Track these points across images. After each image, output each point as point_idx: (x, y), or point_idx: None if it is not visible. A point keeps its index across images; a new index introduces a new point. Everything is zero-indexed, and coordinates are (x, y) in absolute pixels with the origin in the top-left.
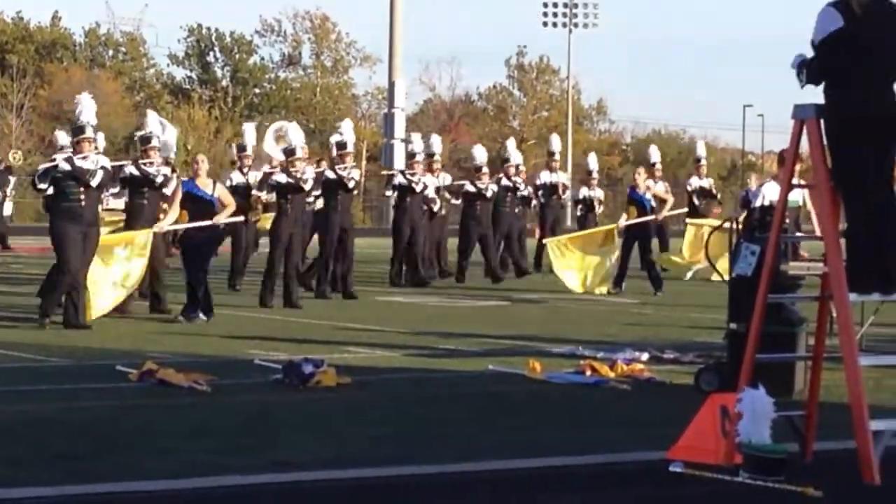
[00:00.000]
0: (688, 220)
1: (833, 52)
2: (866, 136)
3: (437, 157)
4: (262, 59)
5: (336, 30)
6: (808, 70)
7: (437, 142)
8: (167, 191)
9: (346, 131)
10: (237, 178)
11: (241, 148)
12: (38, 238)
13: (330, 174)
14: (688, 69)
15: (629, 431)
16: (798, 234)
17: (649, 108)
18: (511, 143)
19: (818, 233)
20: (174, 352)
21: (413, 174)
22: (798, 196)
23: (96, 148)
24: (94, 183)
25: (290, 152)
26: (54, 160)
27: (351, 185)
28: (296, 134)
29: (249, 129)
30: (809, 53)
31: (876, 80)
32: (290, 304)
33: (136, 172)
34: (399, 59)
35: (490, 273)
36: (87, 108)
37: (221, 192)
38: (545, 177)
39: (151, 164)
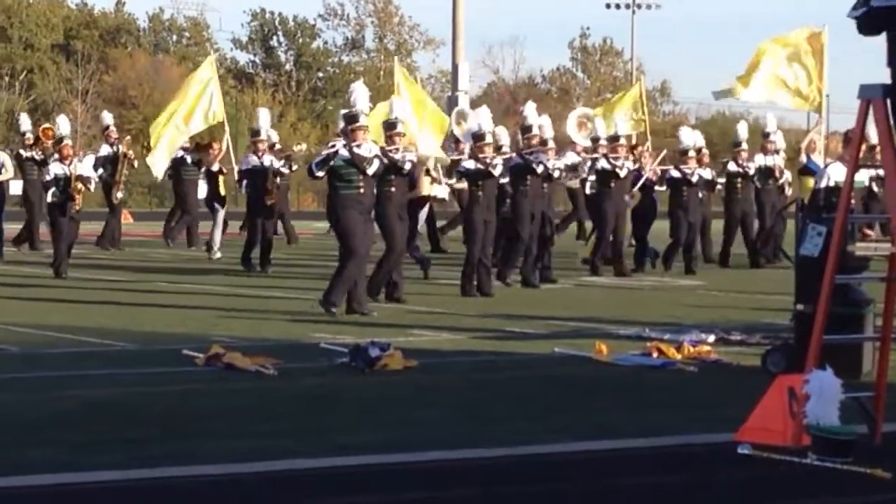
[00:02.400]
0: None
1: (892, 21)
2: None
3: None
4: (326, 43)
5: (399, 13)
6: (864, 23)
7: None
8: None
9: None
10: (253, 161)
11: (255, 132)
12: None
13: (518, 160)
14: (752, 50)
15: (696, 414)
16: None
17: (713, 90)
18: (742, 127)
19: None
20: (240, 336)
21: (616, 158)
22: (864, 177)
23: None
24: (370, 171)
25: (478, 137)
26: (334, 147)
27: (539, 169)
28: (485, 118)
29: (263, 114)
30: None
31: None
32: (484, 293)
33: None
34: (462, 41)
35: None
36: (360, 96)
37: None
38: (759, 160)
39: (397, 150)
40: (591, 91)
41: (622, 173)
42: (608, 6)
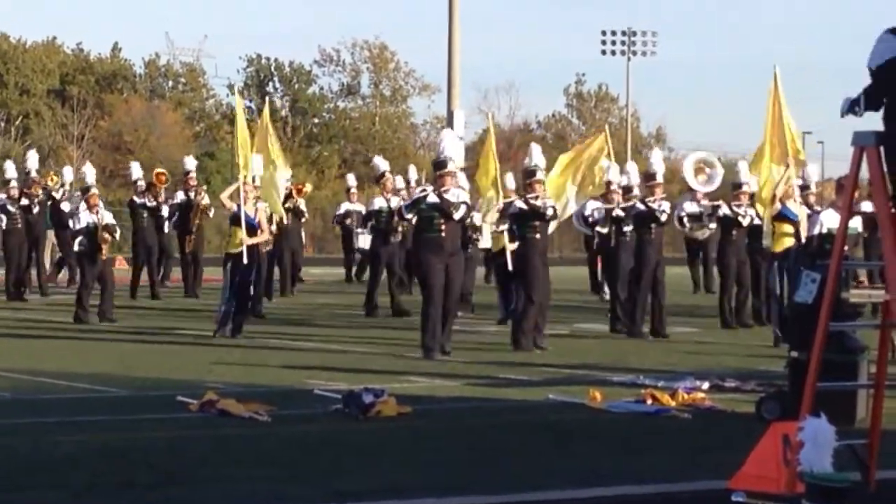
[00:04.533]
0: None
1: (891, 78)
2: None
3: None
4: (321, 88)
5: (395, 59)
6: (866, 96)
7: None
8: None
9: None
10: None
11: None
12: None
13: (521, 204)
14: (746, 95)
15: (690, 460)
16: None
17: (708, 135)
18: (743, 166)
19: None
20: (233, 382)
21: (739, 205)
22: (857, 223)
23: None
24: (457, 216)
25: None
26: (425, 191)
27: (663, 218)
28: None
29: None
30: (863, 84)
31: None
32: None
33: (524, 206)
34: (457, 87)
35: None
36: (449, 144)
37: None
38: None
39: (537, 197)
40: (587, 137)
41: (745, 222)
42: (603, 52)
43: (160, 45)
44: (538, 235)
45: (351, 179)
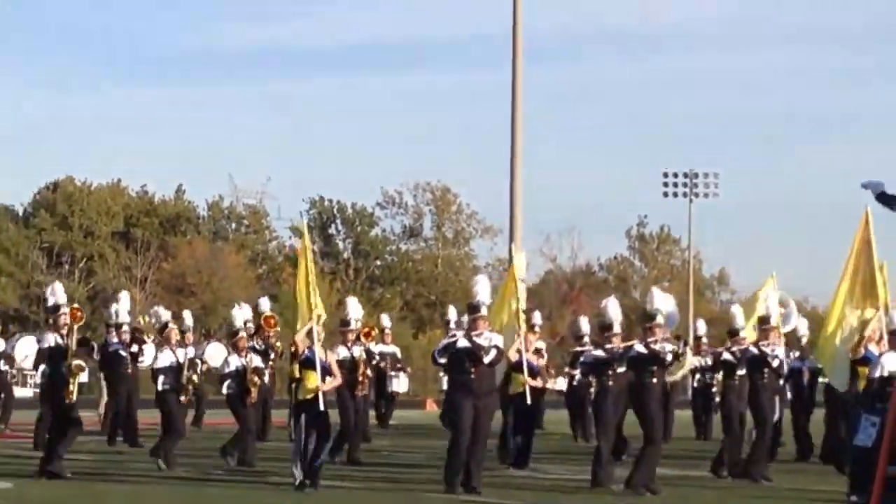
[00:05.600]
0: None
1: None
2: None
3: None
4: (384, 230)
5: (457, 201)
6: None
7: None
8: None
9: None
10: (342, 352)
11: (345, 323)
12: None
13: (641, 349)
14: (808, 236)
15: None
16: None
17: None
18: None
19: None
20: None
21: (767, 344)
22: None
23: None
24: (486, 360)
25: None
26: (455, 336)
27: (775, 363)
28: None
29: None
30: None
31: None
32: (598, 484)
33: (644, 351)
34: (519, 230)
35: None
36: (483, 289)
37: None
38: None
39: (656, 341)
40: (649, 279)
41: (774, 363)
42: (665, 194)
43: (224, 188)
44: (655, 380)
45: (385, 320)
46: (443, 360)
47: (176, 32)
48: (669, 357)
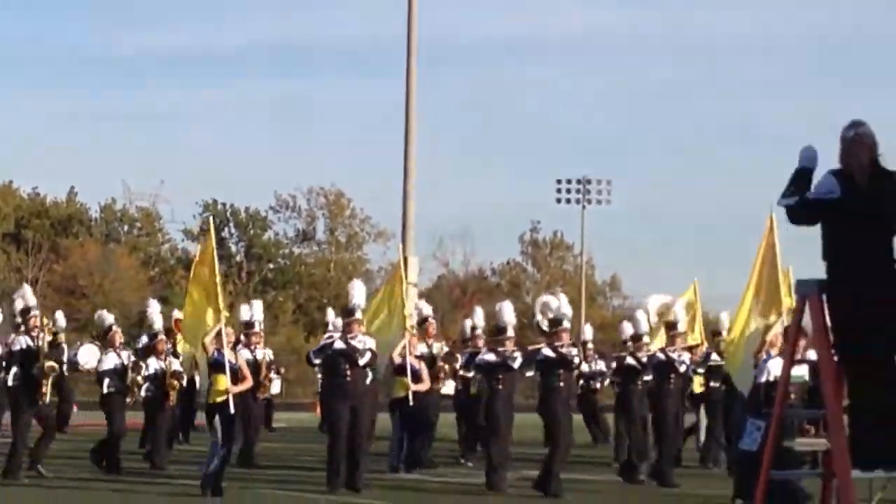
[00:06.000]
0: None
1: (826, 216)
2: (869, 311)
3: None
4: (277, 234)
5: (350, 206)
6: (796, 212)
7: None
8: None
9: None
10: (246, 354)
11: (249, 325)
12: None
13: (549, 352)
14: (698, 244)
15: None
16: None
17: (662, 283)
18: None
19: None
20: None
21: (673, 350)
22: (804, 371)
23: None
24: (361, 362)
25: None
26: (332, 338)
27: (576, 362)
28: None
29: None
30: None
31: (874, 254)
32: (492, 487)
33: (552, 354)
34: (412, 234)
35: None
36: (357, 293)
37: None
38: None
39: (563, 345)
40: (541, 285)
41: (681, 369)
42: (558, 201)
43: (116, 190)
44: (562, 384)
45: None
46: (318, 361)
47: (73, 36)
48: (577, 361)
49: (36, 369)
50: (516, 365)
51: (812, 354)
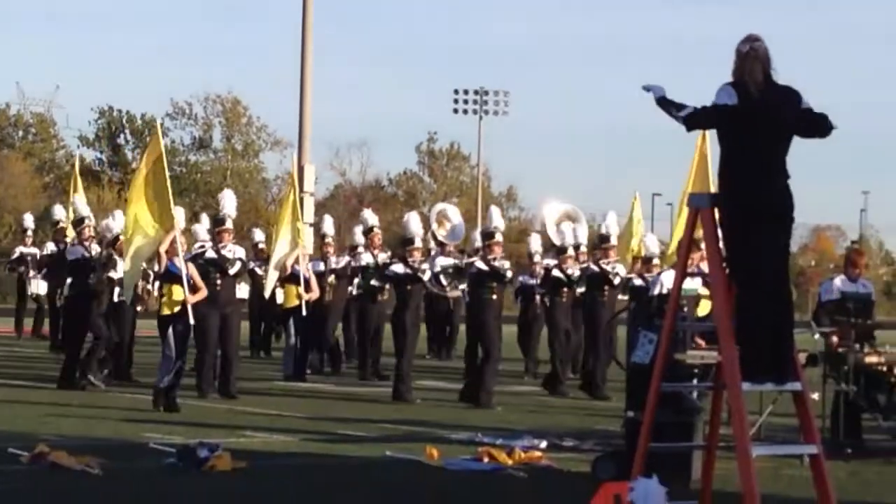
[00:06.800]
0: None
1: (723, 122)
2: (759, 223)
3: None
4: (173, 141)
5: (247, 114)
6: (697, 117)
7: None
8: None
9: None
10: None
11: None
12: None
13: (481, 265)
14: (596, 157)
15: None
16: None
17: (559, 195)
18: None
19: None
20: (70, 434)
21: (608, 262)
22: (697, 284)
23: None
24: (232, 271)
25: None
26: (203, 248)
27: (509, 275)
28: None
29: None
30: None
31: (768, 164)
32: (398, 398)
33: (484, 267)
34: (309, 143)
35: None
36: (228, 203)
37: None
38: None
39: (495, 258)
40: (438, 195)
41: (615, 280)
42: (455, 111)
43: (10, 95)
44: (495, 296)
45: (28, 220)
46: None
47: None
48: (509, 274)
49: (92, 279)
50: (426, 277)
51: (705, 266)
